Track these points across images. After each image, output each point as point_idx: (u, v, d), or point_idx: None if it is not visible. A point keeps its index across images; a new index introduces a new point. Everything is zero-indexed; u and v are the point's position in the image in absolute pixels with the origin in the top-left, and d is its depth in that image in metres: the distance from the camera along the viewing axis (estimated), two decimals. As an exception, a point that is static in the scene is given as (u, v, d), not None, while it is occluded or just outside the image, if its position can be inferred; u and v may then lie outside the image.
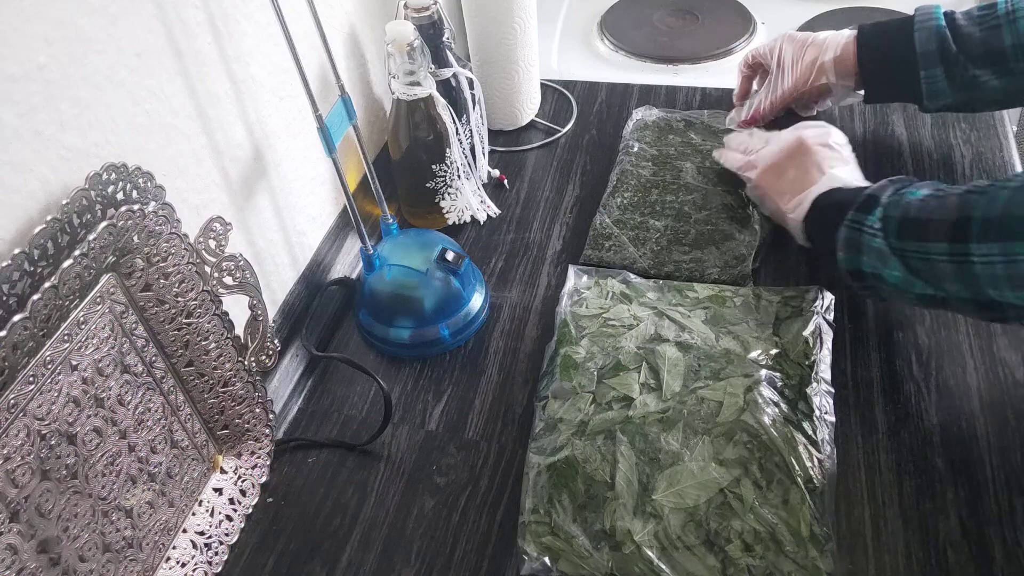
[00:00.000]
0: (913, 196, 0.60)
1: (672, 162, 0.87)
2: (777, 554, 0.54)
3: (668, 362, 0.64)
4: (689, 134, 0.91)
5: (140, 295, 0.53)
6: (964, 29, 0.72)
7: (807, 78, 0.82)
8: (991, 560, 0.55)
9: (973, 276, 0.54)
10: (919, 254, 0.57)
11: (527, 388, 0.70)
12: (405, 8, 0.77)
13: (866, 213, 0.61)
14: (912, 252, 0.58)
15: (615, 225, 0.81)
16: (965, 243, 0.53)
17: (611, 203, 0.84)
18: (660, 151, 0.88)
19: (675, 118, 0.93)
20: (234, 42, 0.63)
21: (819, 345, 0.65)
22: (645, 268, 0.77)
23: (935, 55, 0.73)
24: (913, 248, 0.58)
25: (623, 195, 0.84)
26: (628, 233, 0.80)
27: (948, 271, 0.55)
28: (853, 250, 0.62)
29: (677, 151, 0.88)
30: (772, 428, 0.59)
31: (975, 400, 0.64)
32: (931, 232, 0.56)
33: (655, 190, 0.84)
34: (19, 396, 0.44)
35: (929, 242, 0.56)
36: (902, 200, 0.60)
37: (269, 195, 0.71)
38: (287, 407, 0.71)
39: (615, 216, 0.82)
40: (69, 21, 0.47)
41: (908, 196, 0.60)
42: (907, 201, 0.60)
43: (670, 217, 0.81)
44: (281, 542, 0.62)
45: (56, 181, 0.48)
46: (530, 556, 0.56)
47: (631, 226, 0.81)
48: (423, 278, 0.72)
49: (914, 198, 0.59)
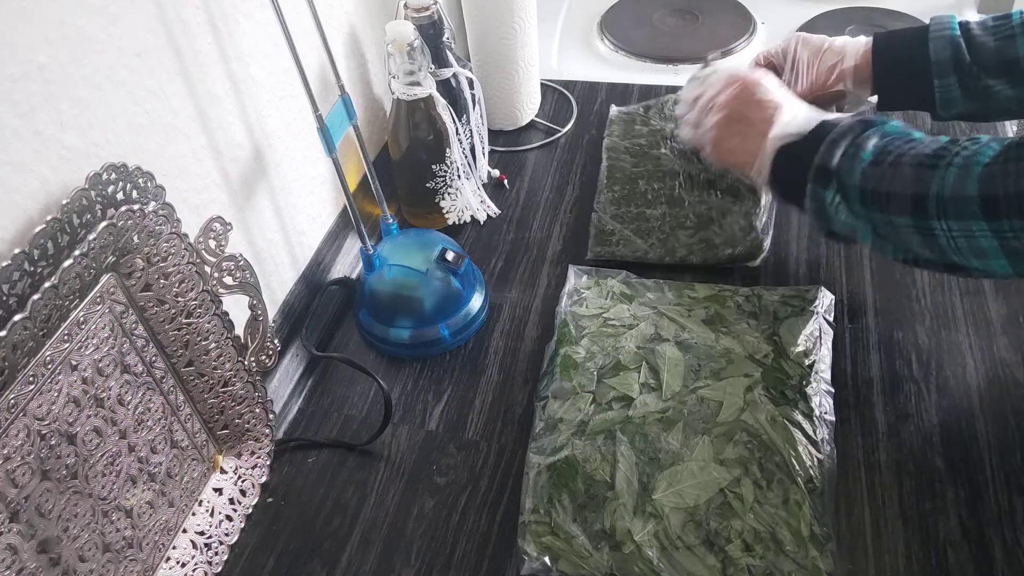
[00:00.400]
0: (864, 161, 0.59)
1: (647, 151, 0.87)
2: (777, 554, 0.54)
3: (668, 362, 0.64)
4: (651, 121, 0.91)
5: (140, 295, 0.53)
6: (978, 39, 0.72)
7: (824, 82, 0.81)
8: (991, 560, 0.55)
9: (938, 247, 0.55)
10: (885, 224, 0.58)
11: (527, 388, 0.70)
12: (405, 8, 0.77)
13: (823, 187, 0.62)
14: (878, 220, 0.59)
15: (613, 220, 0.81)
16: (927, 219, 0.55)
17: (603, 199, 0.84)
18: (632, 143, 0.89)
19: (636, 110, 0.94)
20: (234, 42, 0.63)
21: (819, 345, 0.65)
22: (659, 256, 0.77)
23: (949, 64, 0.73)
24: (878, 218, 0.58)
25: (612, 190, 0.84)
26: (629, 226, 0.80)
27: (915, 239, 0.57)
28: (823, 219, 0.63)
29: (647, 140, 0.89)
30: (772, 428, 0.59)
31: (975, 400, 0.64)
32: (893, 205, 0.57)
33: (641, 180, 0.84)
34: (19, 396, 0.44)
35: (893, 214, 0.57)
36: (855, 167, 0.59)
37: (269, 195, 0.71)
38: (287, 407, 0.71)
39: (611, 212, 0.82)
40: (69, 21, 0.47)
41: (860, 162, 0.59)
42: (862, 169, 0.59)
43: (664, 204, 0.81)
44: (281, 542, 0.62)
45: (56, 181, 0.48)
46: (530, 556, 0.56)
47: (629, 219, 0.81)
48: (423, 278, 0.72)
49: (866, 164, 0.59)
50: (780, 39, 1.09)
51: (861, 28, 1.08)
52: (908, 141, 0.59)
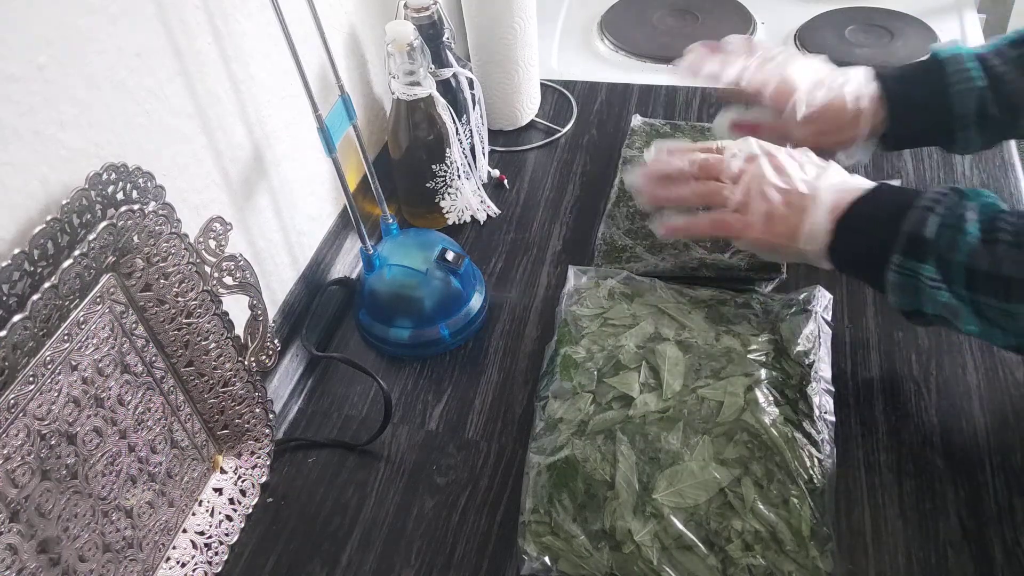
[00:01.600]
0: (971, 236, 0.52)
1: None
2: (777, 554, 0.54)
3: (668, 361, 0.64)
4: (676, 136, 0.91)
5: (140, 295, 0.53)
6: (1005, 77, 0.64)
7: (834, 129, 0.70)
8: (991, 560, 0.55)
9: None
10: (1002, 312, 0.51)
11: (527, 388, 0.70)
12: (405, 8, 0.77)
13: (918, 260, 0.54)
14: (991, 307, 0.52)
15: (627, 236, 0.80)
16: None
17: (617, 213, 0.83)
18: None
19: (662, 125, 0.93)
20: (234, 42, 0.63)
21: (819, 345, 0.65)
22: (668, 270, 0.76)
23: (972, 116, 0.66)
24: (993, 304, 0.52)
25: (628, 204, 0.83)
26: (643, 242, 0.79)
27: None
28: (909, 295, 0.56)
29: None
30: (772, 428, 0.59)
31: (975, 400, 0.64)
32: (1015, 293, 0.50)
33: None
34: (19, 396, 0.44)
35: (1014, 303, 0.50)
36: (959, 242, 0.53)
37: (269, 195, 0.71)
38: (287, 407, 0.71)
39: (625, 227, 0.81)
40: (69, 21, 0.47)
41: (965, 236, 0.53)
42: (968, 244, 0.52)
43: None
44: (281, 542, 0.62)
45: (56, 181, 0.48)
46: (530, 556, 0.56)
47: (643, 235, 0.80)
48: (423, 278, 0.72)
49: (974, 240, 0.52)
50: (780, 39, 1.10)
51: (861, 28, 1.08)
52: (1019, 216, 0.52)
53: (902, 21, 1.08)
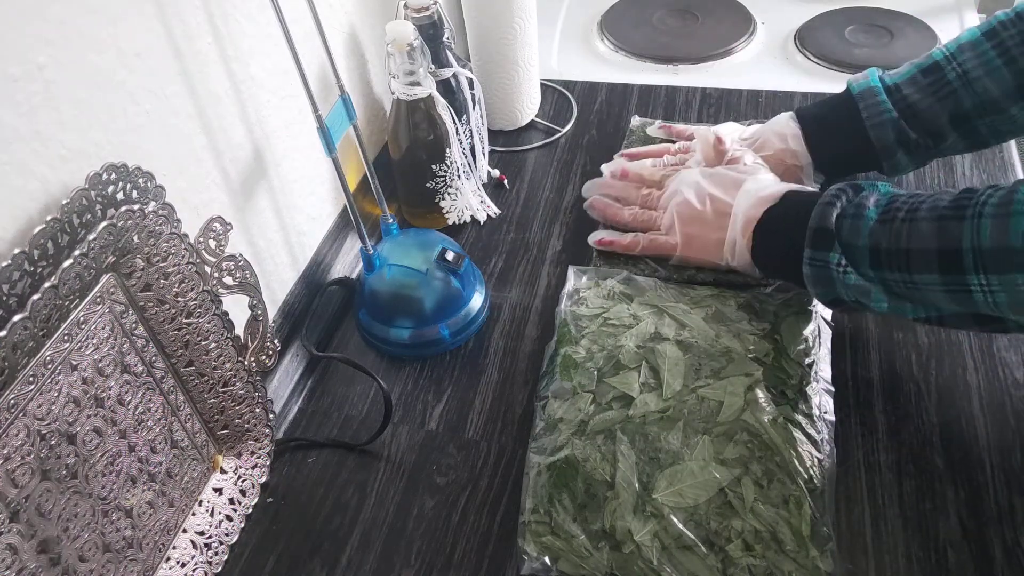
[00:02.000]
0: (870, 219, 0.56)
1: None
2: (777, 554, 0.54)
3: (668, 361, 0.64)
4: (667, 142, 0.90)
5: (140, 295, 0.53)
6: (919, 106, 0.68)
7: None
8: (991, 560, 0.55)
9: (972, 302, 0.52)
10: (905, 283, 0.55)
11: (527, 388, 0.70)
12: (405, 8, 0.77)
13: (824, 250, 0.58)
14: (895, 281, 0.55)
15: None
16: (960, 274, 0.51)
17: None
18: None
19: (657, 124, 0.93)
20: (234, 42, 0.63)
21: (819, 345, 0.65)
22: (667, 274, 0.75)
23: (893, 146, 0.70)
24: (896, 278, 0.55)
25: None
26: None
27: (942, 297, 0.53)
28: (824, 285, 0.60)
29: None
30: (772, 427, 0.59)
31: (975, 400, 0.64)
32: (915, 263, 0.53)
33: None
34: (19, 396, 0.44)
35: (915, 273, 0.53)
36: (860, 227, 0.56)
37: (269, 195, 0.71)
38: (287, 407, 0.71)
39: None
40: (69, 21, 0.47)
41: (866, 221, 0.56)
42: (868, 227, 0.56)
43: None
44: (281, 542, 0.62)
45: (56, 181, 0.48)
46: (530, 556, 0.56)
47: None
48: (423, 278, 0.72)
49: (872, 222, 0.56)
50: (780, 39, 1.10)
51: (861, 28, 1.08)
52: (912, 196, 0.56)
53: (902, 21, 1.08)
